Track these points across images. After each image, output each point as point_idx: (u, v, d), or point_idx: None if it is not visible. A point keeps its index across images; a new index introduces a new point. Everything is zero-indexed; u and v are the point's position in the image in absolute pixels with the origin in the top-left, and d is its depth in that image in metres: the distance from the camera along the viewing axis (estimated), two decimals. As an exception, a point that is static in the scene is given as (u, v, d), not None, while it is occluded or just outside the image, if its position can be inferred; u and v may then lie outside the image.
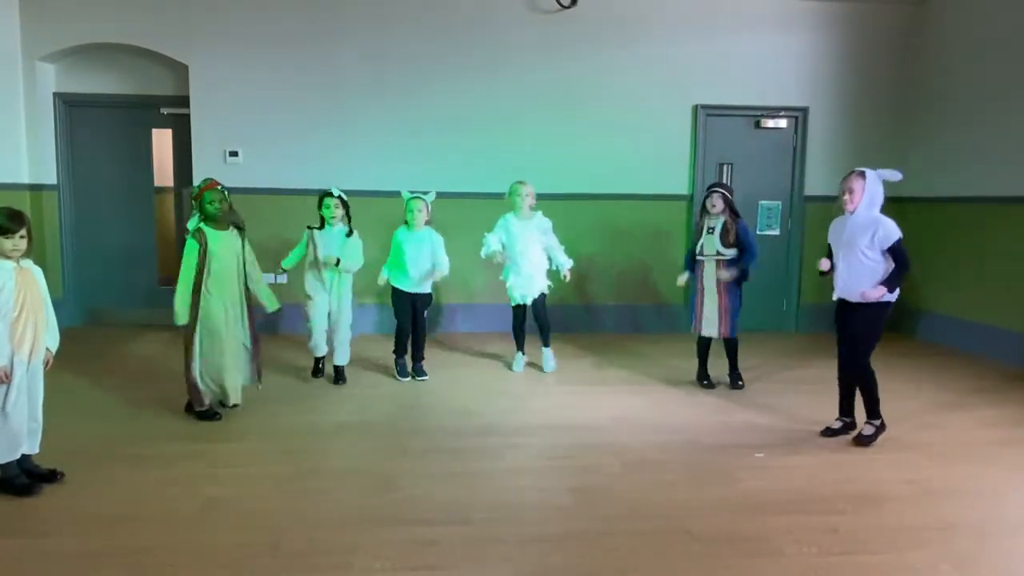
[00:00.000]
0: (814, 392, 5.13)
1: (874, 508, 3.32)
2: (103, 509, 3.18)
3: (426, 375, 5.41)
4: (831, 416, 4.47)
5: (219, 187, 4.31)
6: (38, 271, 3.38)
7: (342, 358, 5.28)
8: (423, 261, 5.27)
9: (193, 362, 4.29)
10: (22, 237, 3.22)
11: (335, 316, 5.19)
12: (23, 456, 3.36)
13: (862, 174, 4.04)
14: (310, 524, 3.07)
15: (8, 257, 3.21)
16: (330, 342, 5.30)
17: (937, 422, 4.56)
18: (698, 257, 5.10)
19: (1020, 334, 5.94)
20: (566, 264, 5.51)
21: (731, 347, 5.25)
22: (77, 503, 3.23)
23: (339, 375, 5.30)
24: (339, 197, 5.11)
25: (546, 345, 5.68)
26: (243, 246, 4.41)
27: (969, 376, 5.68)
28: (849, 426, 4.24)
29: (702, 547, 2.94)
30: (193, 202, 4.37)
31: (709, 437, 4.23)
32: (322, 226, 5.13)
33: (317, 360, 5.40)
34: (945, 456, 3.98)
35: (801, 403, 4.88)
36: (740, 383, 5.23)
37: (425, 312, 5.50)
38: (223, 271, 4.28)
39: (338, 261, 5.00)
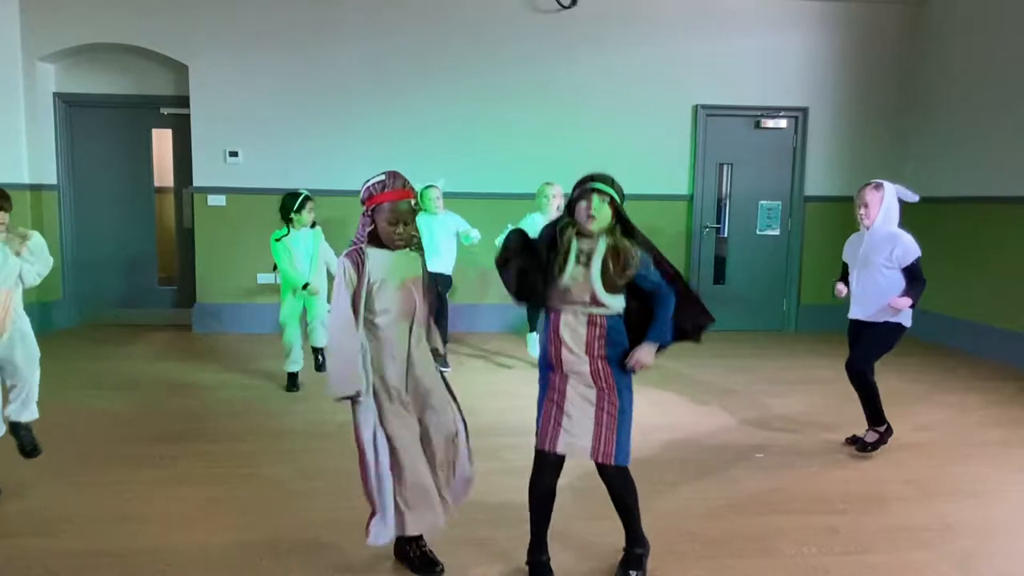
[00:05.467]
0: (814, 392, 5.13)
1: (874, 508, 3.32)
2: (103, 509, 3.18)
3: (449, 367, 5.37)
4: (832, 416, 4.48)
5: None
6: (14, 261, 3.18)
7: (321, 338, 5.07)
8: (446, 242, 5.52)
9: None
10: (8, 211, 3.09)
11: (312, 322, 5.09)
12: None
13: (878, 186, 3.83)
14: (310, 524, 3.07)
15: None
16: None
17: (937, 422, 4.55)
18: (554, 303, 2.58)
19: (1019, 334, 5.94)
20: None
21: (623, 488, 2.65)
22: (77, 503, 3.23)
23: (319, 359, 5.29)
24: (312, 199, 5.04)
25: None
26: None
27: (969, 376, 5.68)
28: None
29: (702, 547, 2.94)
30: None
31: (709, 437, 4.23)
32: (288, 232, 4.92)
33: (291, 374, 5.09)
34: (945, 456, 3.98)
35: (801, 403, 4.88)
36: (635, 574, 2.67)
37: (447, 294, 5.63)
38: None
39: (307, 285, 4.87)
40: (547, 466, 2.62)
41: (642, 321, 2.61)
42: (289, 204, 4.91)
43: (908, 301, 3.74)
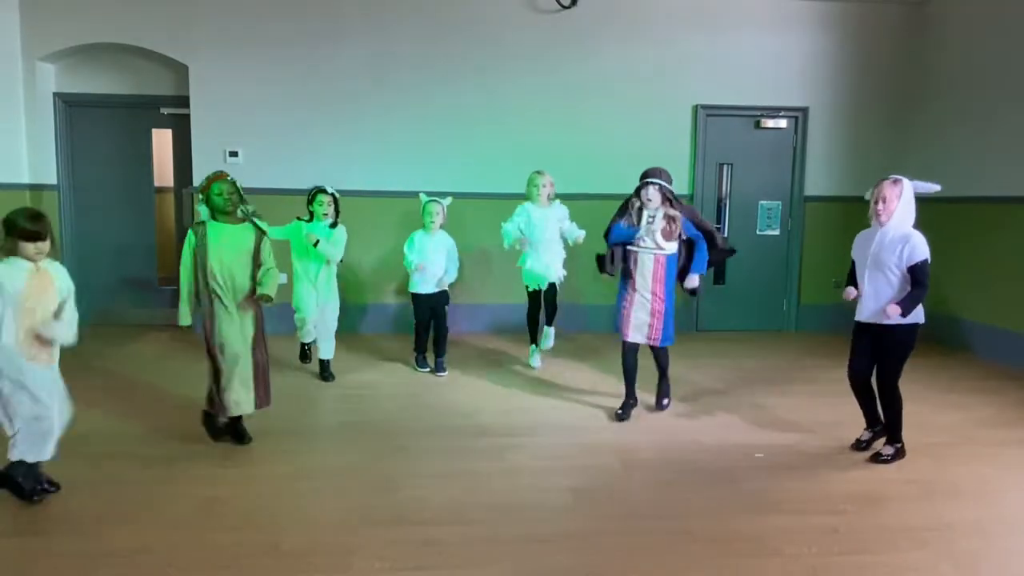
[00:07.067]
0: (814, 392, 5.13)
1: (874, 508, 3.32)
2: (103, 509, 3.18)
3: (445, 371, 5.52)
4: (830, 416, 4.47)
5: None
6: (59, 270, 3.38)
7: (327, 351, 5.31)
8: (439, 264, 5.43)
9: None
10: (44, 240, 3.15)
11: (322, 306, 5.20)
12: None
13: (896, 181, 3.69)
14: (310, 524, 3.07)
15: (31, 259, 3.15)
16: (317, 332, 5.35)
17: (937, 422, 4.55)
18: (631, 247, 4.41)
19: (1019, 333, 5.94)
20: (578, 234, 5.46)
21: (664, 359, 4.67)
22: (77, 503, 3.24)
23: (324, 370, 5.31)
24: (332, 194, 5.17)
25: (549, 324, 5.72)
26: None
27: (969, 376, 5.68)
28: (880, 433, 4.02)
29: (702, 547, 2.94)
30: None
31: (709, 437, 4.23)
32: (311, 220, 5.14)
33: (304, 345, 5.47)
34: (945, 456, 3.98)
35: (801, 403, 4.87)
36: (666, 402, 4.75)
37: (446, 308, 5.59)
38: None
39: (318, 241, 4.97)
40: (630, 349, 4.52)
41: (687, 259, 4.49)
42: (308, 197, 5.21)
43: (897, 310, 3.61)
